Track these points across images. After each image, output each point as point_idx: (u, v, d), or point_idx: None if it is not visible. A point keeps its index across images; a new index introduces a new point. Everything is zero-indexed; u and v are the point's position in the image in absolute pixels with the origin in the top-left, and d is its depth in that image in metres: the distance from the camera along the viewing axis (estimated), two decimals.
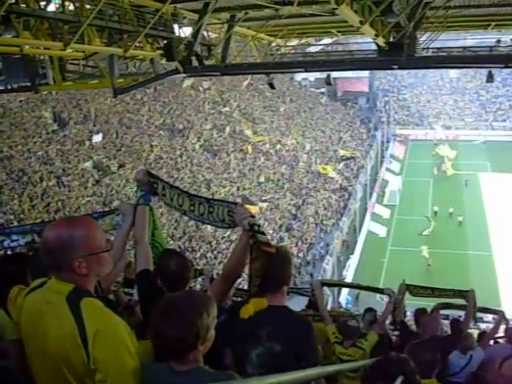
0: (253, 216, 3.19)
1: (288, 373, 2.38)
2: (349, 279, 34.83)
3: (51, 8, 11.57)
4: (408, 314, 9.25)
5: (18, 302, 2.52)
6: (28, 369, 2.53)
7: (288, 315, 3.31)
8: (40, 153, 31.89)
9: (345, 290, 32.53)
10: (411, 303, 9.42)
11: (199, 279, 14.50)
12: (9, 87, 16.68)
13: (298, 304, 8.54)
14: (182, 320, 2.24)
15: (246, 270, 3.26)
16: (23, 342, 2.49)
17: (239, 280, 3.53)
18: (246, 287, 4.18)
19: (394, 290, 7.75)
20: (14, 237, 4.39)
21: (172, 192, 3.85)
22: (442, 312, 10.15)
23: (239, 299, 6.15)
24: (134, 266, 5.09)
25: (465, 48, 16.78)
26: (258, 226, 3.13)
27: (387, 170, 55.98)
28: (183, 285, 3.41)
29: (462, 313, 10.12)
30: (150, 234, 3.97)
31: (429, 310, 8.58)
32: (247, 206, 3.20)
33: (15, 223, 24.31)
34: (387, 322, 8.16)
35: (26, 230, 4.47)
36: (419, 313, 8.11)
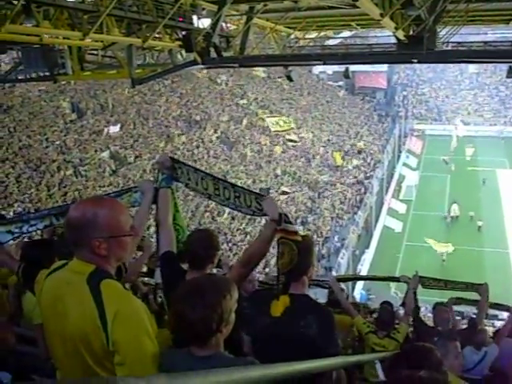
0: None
1: (312, 360, 2.37)
2: (364, 273, 34.71)
3: None
4: (422, 309, 9.16)
5: (39, 284, 2.52)
6: None
7: (311, 303, 3.32)
8: (58, 142, 32.10)
9: (359, 285, 32.46)
10: (426, 299, 9.36)
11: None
12: (28, 77, 16.79)
13: (319, 296, 8.54)
14: (206, 302, 2.23)
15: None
16: (43, 323, 2.49)
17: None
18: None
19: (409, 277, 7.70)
20: (33, 222, 4.43)
21: (196, 176, 3.86)
22: (457, 309, 10.11)
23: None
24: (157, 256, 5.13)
25: (485, 43, 16.60)
26: (287, 216, 3.16)
27: (404, 164, 55.56)
28: (208, 262, 3.40)
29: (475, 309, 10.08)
30: (172, 217, 3.97)
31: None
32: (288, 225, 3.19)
33: (33, 211, 24.51)
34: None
35: (44, 215, 4.50)
36: (436, 307, 8.08)
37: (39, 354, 3.78)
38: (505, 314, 21.09)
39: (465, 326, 8.25)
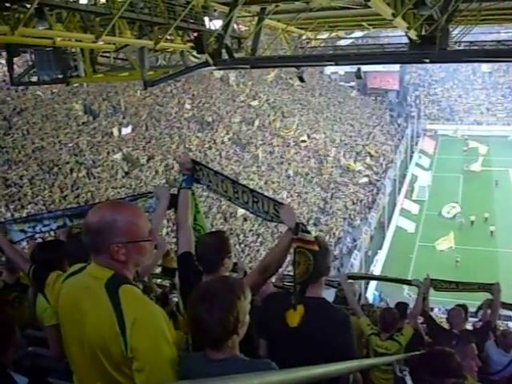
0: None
1: (327, 364, 2.36)
2: (376, 274, 34.68)
3: (83, 1, 11.68)
4: (436, 310, 9.14)
5: (56, 287, 2.50)
6: (66, 356, 2.54)
7: (326, 306, 3.32)
8: (70, 144, 32.29)
9: (371, 286, 32.37)
10: (438, 300, 9.30)
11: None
12: (41, 79, 16.89)
13: (327, 296, 8.48)
14: (222, 305, 2.22)
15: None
16: (61, 327, 2.47)
17: None
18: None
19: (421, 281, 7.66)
20: (46, 221, 4.43)
21: (216, 178, 3.88)
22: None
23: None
24: (172, 255, 5.11)
25: (498, 42, 16.49)
26: (304, 225, 3.16)
27: (417, 165, 55.43)
28: (219, 265, 3.37)
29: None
30: (192, 218, 3.96)
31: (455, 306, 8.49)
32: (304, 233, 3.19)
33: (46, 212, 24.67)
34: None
35: (58, 215, 4.51)
36: (453, 308, 8.04)
37: (52, 356, 3.79)
38: None
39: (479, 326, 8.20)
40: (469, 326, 8.81)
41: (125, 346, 2.15)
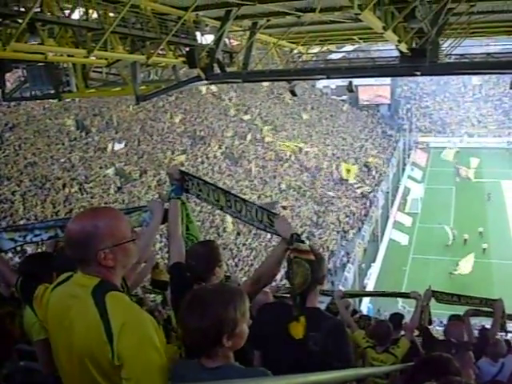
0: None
1: (325, 372, 2.34)
2: (370, 287, 34.62)
3: (75, 16, 11.70)
4: (435, 321, 9.10)
5: (44, 299, 2.46)
6: (56, 369, 2.50)
7: (322, 316, 3.30)
8: (63, 160, 32.21)
9: (365, 299, 32.30)
10: (434, 312, 9.27)
11: None
12: (33, 94, 16.90)
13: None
14: (205, 312, 2.18)
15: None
16: (49, 337, 2.45)
17: None
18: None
19: (420, 293, 7.62)
20: (37, 231, 4.38)
21: (207, 188, 3.86)
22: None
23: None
24: (161, 267, 5.07)
25: (488, 54, 16.62)
26: (298, 235, 3.15)
27: (409, 177, 55.55)
28: (210, 275, 3.33)
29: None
30: (185, 228, 3.94)
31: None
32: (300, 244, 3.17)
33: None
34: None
35: (49, 226, 4.46)
36: (450, 319, 8.01)
37: (39, 369, 3.75)
38: None
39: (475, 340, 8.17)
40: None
41: (112, 354, 2.11)
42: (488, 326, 8.30)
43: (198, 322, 2.17)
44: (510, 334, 10.19)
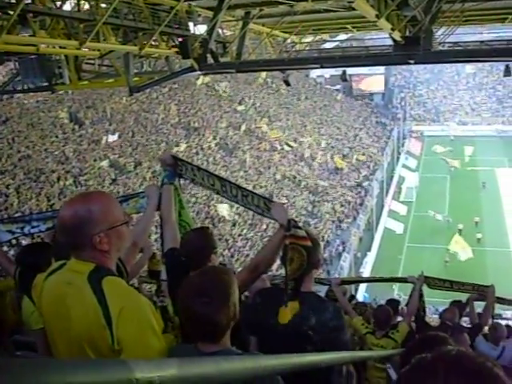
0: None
1: (321, 353, 2.34)
2: (366, 276, 34.70)
3: (67, 7, 11.63)
4: (430, 309, 9.14)
5: (38, 288, 2.44)
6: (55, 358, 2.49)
7: (318, 300, 3.30)
8: (57, 152, 32.12)
9: (362, 287, 32.39)
10: (428, 300, 9.28)
11: None
12: (25, 87, 16.80)
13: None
14: (219, 296, 2.22)
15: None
16: (45, 326, 2.44)
17: None
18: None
19: (417, 277, 7.63)
20: (35, 223, 4.37)
21: (201, 173, 3.85)
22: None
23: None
24: (158, 258, 5.08)
25: (481, 42, 16.59)
26: (295, 221, 3.14)
27: (403, 166, 55.66)
28: (202, 262, 3.29)
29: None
30: (177, 214, 3.93)
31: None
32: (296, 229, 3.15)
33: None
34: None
35: (47, 217, 4.44)
36: (451, 305, 8.05)
37: None
38: (509, 314, 20.99)
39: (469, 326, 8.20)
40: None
41: (111, 338, 2.11)
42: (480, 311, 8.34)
43: (217, 308, 2.21)
44: (504, 321, 10.26)
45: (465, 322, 9.76)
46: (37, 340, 3.75)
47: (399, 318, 7.36)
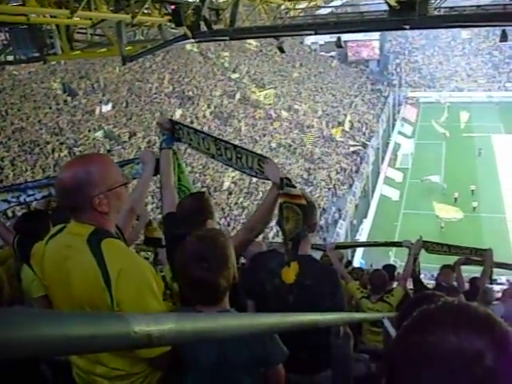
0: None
1: (319, 313, 2.36)
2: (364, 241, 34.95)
3: None
4: (426, 274, 9.21)
5: (38, 253, 2.45)
6: None
7: (315, 262, 3.32)
8: (51, 124, 31.95)
9: (358, 254, 32.62)
10: (424, 265, 9.34)
11: None
12: (17, 58, 16.62)
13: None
14: (219, 259, 2.25)
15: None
16: (48, 290, 2.46)
17: None
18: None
19: (412, 242, 7.67)
20: (30, 191, 4.35)
21: (197, 136, 3.82)
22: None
23: None
24: (154, 225, 5.06)
25: (478, 7, 16.43)
26: (289, 180, 3.12)
27: (399, 133, 55.53)
28: (199, 226, 3.25)
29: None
30: (177, 179, 3.92)
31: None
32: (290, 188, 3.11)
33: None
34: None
35: (42, 184, 4.42)
36: (441, 269, 8.11)
37: None
38: (503, 278, 21.15)
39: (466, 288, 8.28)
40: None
41: (111, 300, 2.13)
42: (477, 275, 8.41)
43: (218, 271, 2.23)
44: (497, 287, 10.37)
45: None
46: (38, 307, 3.77)
47: (395, 284, 7.40)
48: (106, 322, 0.85)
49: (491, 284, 8.81)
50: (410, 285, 7.83)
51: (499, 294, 8.38)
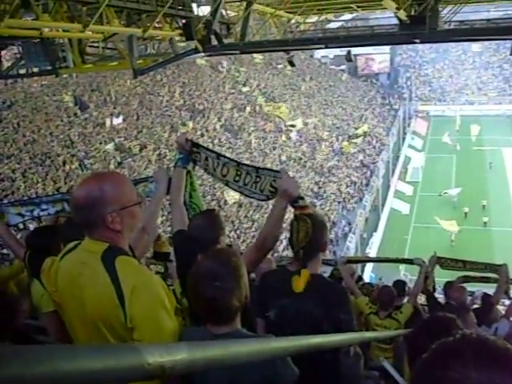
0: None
1: (330, 335, 2.35)
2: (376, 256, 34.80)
3: None
4: (438, 288, 9.11)
5: (52, 270, 2.46)
6: (66, 340, 2.51)
7: (325, 282, 3.29)
8: (62, 136, 32.16)
9: (368, 268, 32.48)
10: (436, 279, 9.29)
11: None
12: (30, 71, 16.77)
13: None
14: (232, 279, 2.25)
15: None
16: (61, 306, 2.45)
17: None
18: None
19: (423, 260, 7.62)
20: (44, 206, 4.36)
21: (217, 162, 3.76)
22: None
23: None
24: (163, 239, 5.04)
25: (488, 20, 16.44)
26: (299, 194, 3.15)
27: (409, 146, 55.51)
28: (211, 244, 3.23)
29: (486, 288, 10.02)
30: (188, 196, 3.91)
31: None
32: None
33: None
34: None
35: (56, 199, 4.43)
36: (448, 286, 8.04)
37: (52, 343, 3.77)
38: None
39: (477, 306, 8.20)
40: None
41: (124, 316, 2.14)
42: (489, 293, 8.33)
43: (231, 291, 2.23)
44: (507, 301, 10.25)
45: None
46: (47, 323, 3.78)
47: (406, 299, 7.36)
48: (120, 354, 0.84)
49: (506, 297, 8.74)
50: (422, 299, 7.79)
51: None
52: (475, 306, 8.37)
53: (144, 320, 2.15)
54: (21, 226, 17.20)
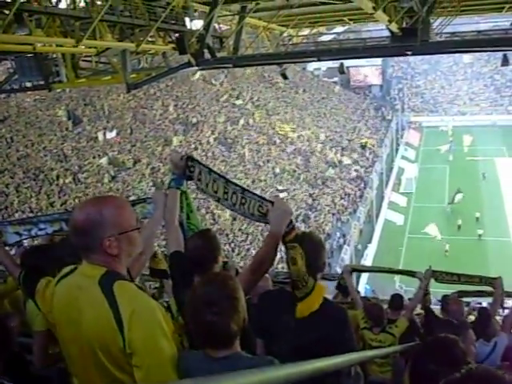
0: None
1: (332, 357, 2.34)
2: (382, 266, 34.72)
3: (62, 5, 11.60)
4: (433, 300, 9.07)
5: (47, 292, 2.47)
6: (48, 363, 2.50)
7: (327, 305, 3.27)
8: (55, 150, 32.11)
9: (363, 280, 32.41)
10: (432, 290, 9.28)
11: None
12: (23, 86, 16.78)
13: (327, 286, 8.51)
14: (228, 305, 2.24)
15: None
16: (57, 329, 2.43)
17: None
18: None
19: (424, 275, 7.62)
20: (42, 225, 4.34)
21: (208, 177, 3.73)
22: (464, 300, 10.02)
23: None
24: (159, 256, 5.03)
25: (478, 32, 16.57)
26: (290, 220, 3.11)
27: (403, 157, 55.65)
28: (207, 266, 3.27)
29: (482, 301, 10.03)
30: (186, 217, 3.88)
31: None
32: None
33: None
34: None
35: (54, 219, 4.41)
36: (445, 299, 8.03)
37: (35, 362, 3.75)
38: (510, 302, 20.95)
39: (473, 319, 8.19)
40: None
41: (123, 341, 2.13)
42: (485, 305, 8.35)
43: (228, 316, 2.22)
44: (506, 310, 10.24)
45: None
46: (36, 341, 3.77)
47: (403, 312, 7.34)
48: None
49: (500, 308, 8.73)
50: (417, 309, 7.77)
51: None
52: (472, 318, 8.38)
53: (143, 345, 2.13)
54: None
